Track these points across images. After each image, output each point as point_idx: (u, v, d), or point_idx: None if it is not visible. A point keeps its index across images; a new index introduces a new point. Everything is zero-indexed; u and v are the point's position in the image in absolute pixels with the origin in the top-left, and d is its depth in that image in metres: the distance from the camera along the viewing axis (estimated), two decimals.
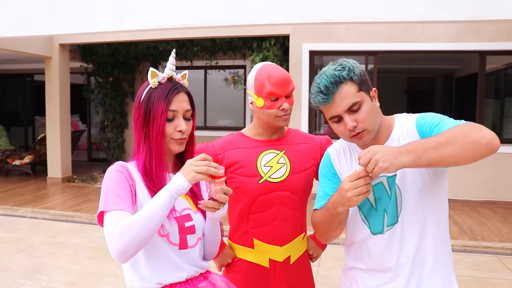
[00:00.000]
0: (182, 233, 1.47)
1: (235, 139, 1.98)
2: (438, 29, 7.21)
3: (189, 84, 1.56)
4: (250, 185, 1.88)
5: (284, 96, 1.85)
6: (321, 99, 1.47)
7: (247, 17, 5.04)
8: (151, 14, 5.32)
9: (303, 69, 7.68)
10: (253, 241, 1.92)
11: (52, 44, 8.77)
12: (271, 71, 1.87)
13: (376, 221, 1.59)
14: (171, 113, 1.46)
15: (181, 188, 1.31)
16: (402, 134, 1.56)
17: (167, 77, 1.51)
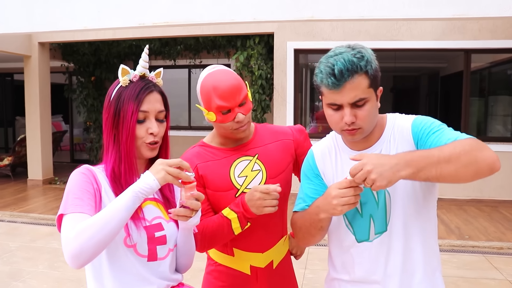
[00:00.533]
0: (152, 243, 1.36)
1: (200, 152, 1.79)
2: (423, 27, 7.19)
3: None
4: (226, 200, 1.73)
5: (236, 106, 1.66)
6: (331, 83, 1.35)
7: (229, 14, 4.95)
8: (131, 11, 5.20)
9: (288, 68, 7.60)
10: (233, 250, 1.81)
11: (31, 42, 8.56)
12: (216, 80, 1.66)
13: (362, 228, 1.49)
14: (142, 114, 1.35)
15: (149, 188, 1.20)
16: (394, 136, 1.47)
17: (139, 75, 1.40)
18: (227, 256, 1.83)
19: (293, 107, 7.65)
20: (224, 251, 1.83)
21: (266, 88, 7.82)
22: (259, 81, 7.62)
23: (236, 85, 1.65)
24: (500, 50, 7.31)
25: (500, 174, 7.21)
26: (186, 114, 10.47)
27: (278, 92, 7.67)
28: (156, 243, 1.37)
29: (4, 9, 5.70)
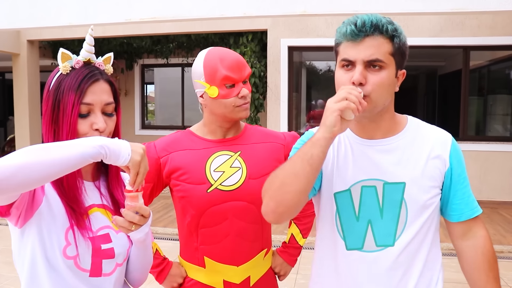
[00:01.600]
0: (97, 257, 1.17)
1: (181, 139, 1.65)
2: (421, 23, 7.03)
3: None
4: (197, 194, 1.56)
5: (241, 81, 1.56)
6: (350, 31, 1.20)
7: (219, 9, 4.79)
8: (117, 7, 5.05)
9: (282, 66, 7.43)
10: (204, 260, 1.62)
11: (20, 40, 8.40)
12: (223, 53, 1.57)
13: (354, 233, 1.29)
14: (86, 107, 1.15)
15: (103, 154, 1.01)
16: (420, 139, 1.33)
17: (83, 61, 1.19)
18: (198, 268, 1.64)
19: (287, 106, 7.48)
20: (194, 261, 1.64)
21: (260, 86, 7.65)
22: (252, 79, 7.44)
23: (242, 59, 1.59)
24: (500, 47, 7.18)
25: (500, 174, 7.07)
26: (180, 114, 10.30)
27: (272, 90, 7.49)
28: (102, 256, 1.18)
29: None
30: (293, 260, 1.81)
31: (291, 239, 1.81)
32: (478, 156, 7.14)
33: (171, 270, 1.67)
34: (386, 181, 1.27)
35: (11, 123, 12.60)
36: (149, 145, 1.65)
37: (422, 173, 1.28)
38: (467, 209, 1.33)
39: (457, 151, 1.34)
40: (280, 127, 7.44)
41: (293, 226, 1.82)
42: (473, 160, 7.08)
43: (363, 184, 1.29)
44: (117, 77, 10.05)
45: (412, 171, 1.27)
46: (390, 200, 1.27)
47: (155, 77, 11.62)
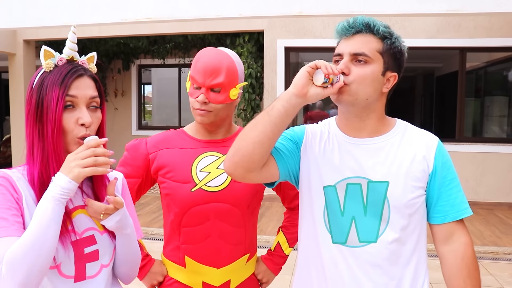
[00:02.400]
0: (80, 262, 1.16)
1: (172, 137, 1.67)
2: (417, 24, 7.02)
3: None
4: (181, 192, 1.56)
5: (206, 88, 1.53)
6: (342, 27, 1.31)
7: (215, 10, 4.77)
8: (113, 7, 5.03)
9: (279, 67, 7.41)
10: (185, 259, 1.61)
11: (16, 40, 8.34)
12: (203, 55, 1.57)
13: (339, 228, 1.32)
14: (70, 99, 1.14)
15: (68, 190, 1.04)
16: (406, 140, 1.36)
17: (67, 59, 1.19)
18: (179, 268, 1.64)
19: None
20: (176, 260, 1.64)
21: (256, 87, 7.63)
22: (249, 80, 7.43)
23: (215, 67, 1.52)
24: (496, 48, 7.17)
25: (496, 175, 7.06)
26: (176, 114, 10.28)
27: (268, 91, 7.47)
28: (86, 260, 1.17)
29: None
30: (277, 269, 1.80)
31: (276, 247, 1.79)
32: (475, 157, 7.13)
33: (152, 267, 1.67)
34: (370, 180, 1.30)
35: (7, 123, 12.56)
36: (141, 141, 1.67)
37: (406, 174, 1.30)
38: (452, 211, 1.34)
39: (443, 153, 1.35)
40: None
41: (280, 235, 1.81)
42: (469, 162, 7.08)
43: (349, 181, 1.32)
44: (114, 78, 10.04)
45: (396, 170, 1.30)
46: (373, 198, 1.30)
47: (152, 78, 11.59)
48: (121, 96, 10.13)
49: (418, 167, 1.31)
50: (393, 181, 1.29)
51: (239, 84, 1.59)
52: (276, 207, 6.58)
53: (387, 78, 1.32)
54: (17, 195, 1.10)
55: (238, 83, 1.58)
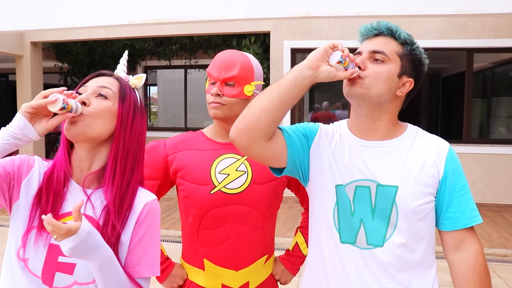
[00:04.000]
0: (49, 267, 1.12)
1: (191, 139, 1.66)
2: (424, 25, 7.00)
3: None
4: (200, 195, 1.56)
5: (221, 81, 1.55)
6: (365, 28, 1.37)
7: (221, 11, 4.76)
8: (120, 9, 5.03)
9: (285, 68, 7.41)
10: (204, 262, 1.61)
11: (23, 42, 8.40)
12: (220, 53, 1.61)
13: (348, 228, 1.31)
14: (80, 89, 1.20)
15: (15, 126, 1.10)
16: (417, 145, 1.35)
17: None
18: (198, 271, 1.63)
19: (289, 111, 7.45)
20: (195, 263, 1.64)
21: (262, 88, 7.63)
22: None
23: (229, 60, 1.56)
24: (504, 49, 7.14)
25: (504, 177, 7.02)
26: (182, 115, 10.29)
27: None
28: (57, 269, 1.12)
29: None
30: (295, 269, 1.79)
31: (295, 248, 1.79)
32: (482, 159, 7.09)
33: (172, 271, 1.67)
34: (379, 183, 1.29)
35: None
36: (159, 142, 1.67)
37: (416, 179, 1.29)
38: (463, 218, 1.32)
39: (454, 159, 1.34)
40: None
41: (298, 235, 1.81)
42: (476, 163, 7.04)
43: (358, 184, 1.31)
44: None
45: (406, 175, 1.29)
46: (382, 202, 1.29)
47: (158, 79, 11.62)
48: None
49: (428, 173, 1.30)
50: (402, 186, 1.28)
51: (255, 82, 1.59)
52: (283, 209, 6.55)
53: (402, 82, 1.33)
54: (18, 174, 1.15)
55: (253, 81, 1.59)
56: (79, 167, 1.19)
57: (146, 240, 1.19)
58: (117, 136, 1.18)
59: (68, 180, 1.18)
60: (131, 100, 1.22)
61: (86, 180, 1.18)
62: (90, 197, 1.18)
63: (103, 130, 1.16)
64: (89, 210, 1.17)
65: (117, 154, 1.18)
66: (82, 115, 1.13)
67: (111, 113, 1.17)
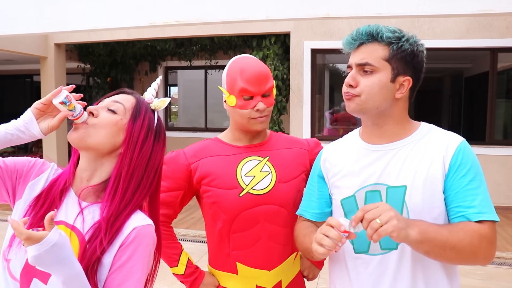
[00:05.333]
0: (27, 272, 1.09)
1: (210, 145, 1.68)
2: (447, 25, 6.90)
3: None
4: (229, 199, 1.58)
5: (260, 95, 1.57)
6: (346, 41, 1.35)
7: (242, 12, 4.79)
8: (141, 11, 5.10)
9: (305, 68, 7.38)
10: (236, 266, 1.63)
11: (47, 43, 8.56)
12: (245, 64, 1.58)
13: (360, 237, 1.28)
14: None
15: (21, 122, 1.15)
16: (425, 145, 1.32)
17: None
18: (230, 275, 1.65)
19: (310, 108, 7.44)
20: (226, 268, 1.65)
21: (283, 89, 7.63)
22: (275, 82, 7.40)
23: (264, 73, 1.58)
24: None
25: None
26: (203, 116, 10.35)
27: (294, 93, 7.46)
28: (34, 275, 1.09)
29: (14, 10, 5.64)
30: (321, 263, 1.81)
31: None
32: (506, 161, 6.96)
33: (204, 279, 1.69)
34: (389, 185, 1.29)
35: None
36: (179, 152, 1.68)
37: (425, 177, 1.27)
38: (467, 213, 1.23)
39: (463, 153, 1.28)
40: (302, 130, 7.40)
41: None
42: (500, 165, 6.92)
43: (368, 189, 1.32)
44: (141, 79, 10.17)
45: (414, 174, 1.28)
46: (392, 203, 1.26)
47: (178, 79, 11.70)
48: None
49: (436, 170, 1.27)
50: (411, 185, 1.27)
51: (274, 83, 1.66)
52: None
53: (399, 83, 1.31)
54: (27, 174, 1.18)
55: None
56: (79, 177, 1.18)
57: (129, 266, 1.10)
58: (124, 153, 1.15)
59: (68, 189, 1.17)
60: (146, 119, 1.19)
61: (83, 192, 1.16)
62: (83, 210, 1.15)
63: (104, 141, 1.14)
64: (79, 223, 1.13)
65: (121, 171, 1.14)
66: (85, 123, 1.13)
67: (116, 127, 1.15)
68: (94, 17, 5.31)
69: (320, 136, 7.74)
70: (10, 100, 13.65)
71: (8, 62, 11.19)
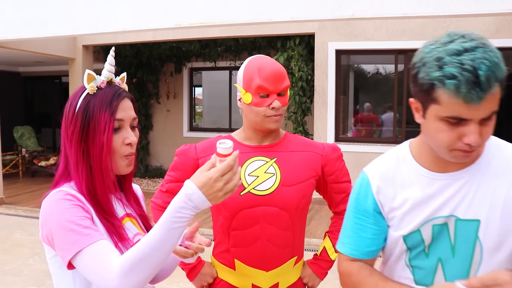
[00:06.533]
0: None
1: None
2: (475, 24, 6.77)
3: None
4: (230, 196, 1.59)
5: (276, 93, 1.58)
6: (476, 95, 0.98)
7: (267, 14, 4.80)
8: (167, 13, 5.16)
9: (329, 69, 7.36)
10: (235, 262, 1.65)
11: (76, 45, 8.77)
12: (263, 63, 1.61)
13: (424, 270, 1.20)
14: (118, 123, 1.20)
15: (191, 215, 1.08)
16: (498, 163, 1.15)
17: (106, 81, 1.23)
18: (229, 270, 1.68)
19: (334, 109, 7.40)
20: (225, 263, 1.68)
21: (307, 90, 7.62)
22: (299, 82, 7.43)
23: (281, 72, 1.59)
24: None
25: None
26: (227, 116, 10.41)
27: (319, 94, 7.45)
28: None
29: (45, 13, 5.80)
30: (322, 273, 1.79)
31: (322, 252, 1.80)
32: None
33: (202, 269, 1.73)
34: (458, 218, 1.15)
35: None
36: (190, 146, 1.73)
37: (502, 210, 1.13)
38: None
39: None
40: (327, 130, 7.37)
41: (326, 240, 1.81)
42: None
43: (434, 222, 1.18)
44: (167, 80, 10.30)
45: (489, 206, 1.13)
46: (462, 237, 1.15)
47: (203, 80, 11.81)
48: (173, 98, 10.38)
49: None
50: (485, 220, 1.13)
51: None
52: (325, 211, 6.55)
53: None
54: (87, 213, 1.15)
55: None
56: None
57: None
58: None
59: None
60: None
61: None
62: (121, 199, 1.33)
63: None
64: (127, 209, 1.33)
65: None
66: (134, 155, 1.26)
67: None
68: (122, 20, 5.40)
69: (344, 137, 7.70)
70: (39, 101, 13.99)
71: (38, 63, 11.48)
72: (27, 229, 6.16)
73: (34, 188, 8.90)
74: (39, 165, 9.80)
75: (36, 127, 12.73)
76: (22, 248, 5.35)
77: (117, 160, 1.22)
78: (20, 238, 5.77)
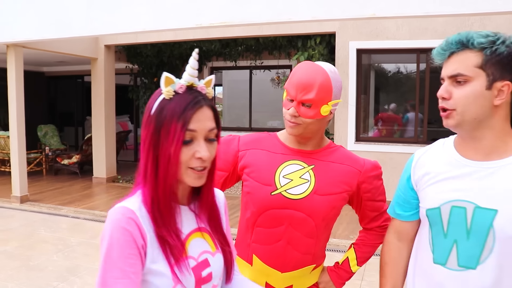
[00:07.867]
0: (198, 285, 1.14)
1: (265, 139, 1.72)
2: (500, 22, 6.64)
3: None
4: (261, 193, 1.61)
5: (298, 102, 1.54)
6: (436, 52, 1.30)
7: (287, 13, 4.80)
8: (188, 12, 5.20)
9: (350, 69, 7.30)
10: (252, 258, 1.67)
11: (98, 45, 8.89)
12: (299, 67, 1.59)
13: (441, 248, 1.30)
14: (189, 134, 1.08)
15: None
16: None
17: (186, 85, 1.11)
18: (246, 264, 1.70)
19: (355, 109, 7.35)
20: (244, 257, 1.70)
21: None
22: None
23: (308, 83, 1.53)
24: None
25: None
26: (247, 116, 10.44)
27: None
28: (202, 283, 1.16)
29: (67, 14, 5.90)
30: (340, 283, 1.78)
31: (344, 262, 1.79)
32: None
33: None
34: (477, 205, 1.23)
35: (88, 122, 13.38)
36: (234, 137, 1.75)
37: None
38: None
39: None
40: (347, 130, 7.33)
41: (351, 251, 1.80)
42: None
43: (454, 204, 1.27)
44: None
45: (509, 200, 1.19)
46: (478, 224, 1.22)
47: (223, 79, 11.86)
48: None
49: None
50: (503, 211, 1.19)
51: (332, 102, 1.55)
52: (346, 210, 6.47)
53: (498, 90, 1.21)
54: (142, 241, 1.07)
55: (331, 100, 1.55)
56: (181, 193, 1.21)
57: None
58: None
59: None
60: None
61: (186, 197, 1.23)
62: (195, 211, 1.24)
63: None
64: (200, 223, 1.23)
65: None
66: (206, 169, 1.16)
67: None
68: (143, 20, 5.46)
69: (365, 136, 7.65)
70: (62, 100, 14.23)
71: (60, 63, 11.67)
72: (50, 226, 6.29)
73: (57, 186, 9.06)
74: (61, 163, 9.97)
75: (59, 126, 12.96)
76: (46, 245, 5.46)
77: (184, 173, 1.11)
78: (44, 235, 5.89)
